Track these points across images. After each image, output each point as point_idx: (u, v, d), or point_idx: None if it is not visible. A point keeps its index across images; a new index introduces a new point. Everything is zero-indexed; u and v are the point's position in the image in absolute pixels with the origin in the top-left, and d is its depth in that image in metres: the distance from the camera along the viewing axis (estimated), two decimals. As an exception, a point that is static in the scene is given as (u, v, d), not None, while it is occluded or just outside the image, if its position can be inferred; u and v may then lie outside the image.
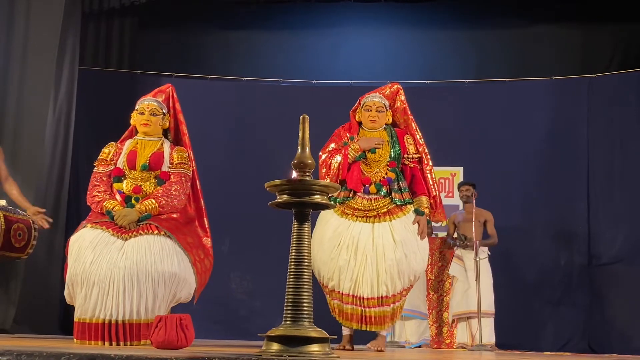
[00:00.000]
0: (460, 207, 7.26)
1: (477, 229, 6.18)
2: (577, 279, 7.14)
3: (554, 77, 7.64)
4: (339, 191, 3.77)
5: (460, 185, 6.69)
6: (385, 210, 3.79)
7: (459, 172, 7.54)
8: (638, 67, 7.27)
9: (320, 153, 3.94)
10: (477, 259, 5.83)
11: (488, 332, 5.93)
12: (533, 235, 7.25)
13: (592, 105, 7.39)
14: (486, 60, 8.14)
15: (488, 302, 5.98)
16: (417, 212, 3.83)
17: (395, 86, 4.16)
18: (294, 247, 2.05)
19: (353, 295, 3.67)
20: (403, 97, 4.14)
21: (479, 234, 6.23)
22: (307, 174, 2.05)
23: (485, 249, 6.22)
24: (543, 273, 7.17)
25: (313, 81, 7.89)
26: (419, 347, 6.15)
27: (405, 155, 3.95)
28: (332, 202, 3.41)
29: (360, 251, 3.68)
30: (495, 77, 7.87)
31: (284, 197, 2.04)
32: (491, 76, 7.91)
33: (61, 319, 6.28)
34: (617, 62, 7.73)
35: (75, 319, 3.33)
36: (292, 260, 2.04)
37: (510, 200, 7.14)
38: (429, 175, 3.97)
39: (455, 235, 6.39)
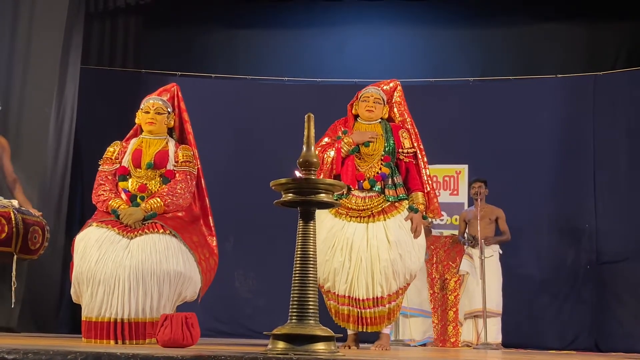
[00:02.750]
0: (466, 205, 7.25)
1: (486, 227, 6.14)
2: (584, 277, 7.11)
3: (559, 75, 7.61)
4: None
5: (471, 181, 6.64)
6: (379, 209, 3.75)
7: (464, 169, 7.52)
8: (644, 65, 7.25)
9: None
10: (482, 258, 5.81)
11: (495, 332, 5.90)
12: (539, 233, 7.22)
13: (598, 103, 7.36)
14: (492, 58, 8.11)
15: (496, 301, 5.94)
16: (411, 209, 3.80)
17: (394, 82, 4.16)
18: (299, 246, 2.04)
19: (349, 297, 3.65)
20: (401, 94, 4.13)
21: (490, 232, 6.19)
22: (313, 172, 2.04)
23: (496, 247, 6.18)
24: (549, 271, 7.14)
25: (318, 79, 7.88)
26: (424, 345, 6.13)
27: (400, 150, 3.91)
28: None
29: (354, 252, 3.65)
30: (501, 75, 7.84)
31: (290, 196, 2.03)
32: (497, 74, 7.88)
33: (65, 317, 6.29)
34: (623, 59, 7.70)
35: (83, 318, 3.34)
36: (298, 258, 2.03)
37: (516, 198, 7.10)
38: (423, 170, 3.93)
39: (466, 235, 6.35)
